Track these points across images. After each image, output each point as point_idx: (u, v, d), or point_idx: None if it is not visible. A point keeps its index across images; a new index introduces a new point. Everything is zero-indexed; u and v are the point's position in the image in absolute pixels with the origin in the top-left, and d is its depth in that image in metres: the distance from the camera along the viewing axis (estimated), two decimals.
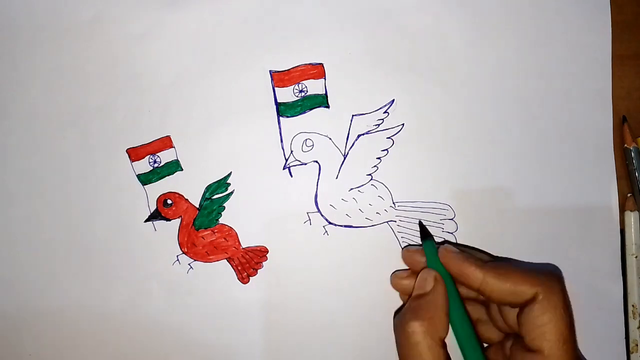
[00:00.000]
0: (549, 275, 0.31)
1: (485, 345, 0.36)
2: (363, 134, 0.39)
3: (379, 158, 0.39)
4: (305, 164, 0.40)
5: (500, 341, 0.34)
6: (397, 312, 0.37)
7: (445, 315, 0.31)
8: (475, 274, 0.32)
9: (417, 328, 0.30)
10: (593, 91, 0.39)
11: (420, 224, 0.38)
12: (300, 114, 0.40)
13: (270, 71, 0.40)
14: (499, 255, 0.38)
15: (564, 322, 0.30)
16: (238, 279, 0.40)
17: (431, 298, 0.32)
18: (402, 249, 0.38)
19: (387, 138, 0.39)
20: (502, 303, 0.32)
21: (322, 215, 0.39)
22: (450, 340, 0.32)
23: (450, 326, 0.32)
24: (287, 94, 0.40)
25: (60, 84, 0.40)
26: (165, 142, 0.40)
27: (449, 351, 0.31)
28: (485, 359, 0.31)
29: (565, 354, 0.29)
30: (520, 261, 0.37)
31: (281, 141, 0.40)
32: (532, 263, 0.37)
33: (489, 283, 0.31)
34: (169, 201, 0.40)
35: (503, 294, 0.31)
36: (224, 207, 0.40)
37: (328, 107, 0.40)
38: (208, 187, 0.40)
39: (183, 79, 0.40)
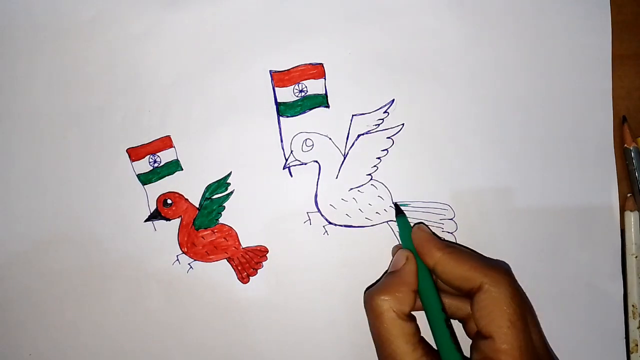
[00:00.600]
0: (495, 268, 0.32)
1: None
2: (363, 134, 0.39)
3: (379, 158, 0.39)
4: (305, 164, 0.40)
5: None
6: (366, 289, 0.37)
7: (411, 291, 0.33)
8: (432, 252, 0.33)
9: (380, 301, 0.32)
10: (593, 91, 0.39)
11: (395, 204, 0.39)
12: (300, 114, 0.40)
13: (270, 71, 0.40)
14: (499, 255, 0.38)
15: (512, 309, 0.31)
16: (238, 279, 0.40)
17: (399, 274, 0.34)
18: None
19: (387, 138, 0.39)
20: (453, 287, 0.34)
21: (322, 215, 0.39)
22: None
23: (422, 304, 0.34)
24: (287, 94, 0.40)
25: (60, 84, 0.41)
26: (165, 142, 0.40)
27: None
28: (452, 337, 0.32)
29: (516, 340, 0.30)
30: (478, 254, 0.38)
31: (281, 141, 0.40)
32: (486, 257, 0.38)
33: (442, 265, 0.33)
34: (169, 201, 0.40)
35: (453, 277, 0.33)
36: (224, 207, 0.40)
37: (328, 107, 0.40)
38: (208, 187, 0.40)
39: (183, 79, 0.40)
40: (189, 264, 0.40)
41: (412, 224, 0.37)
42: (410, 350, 0.31)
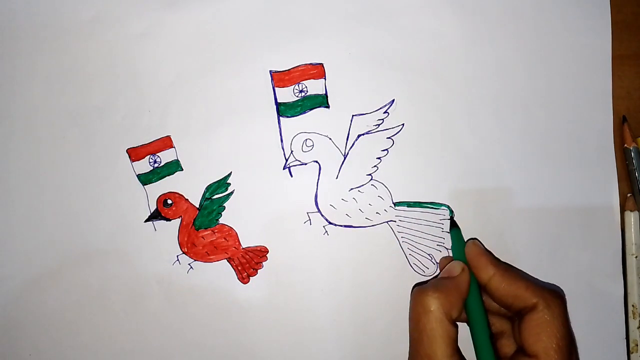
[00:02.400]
0: (552, 291, 0.33)
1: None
2: (363, 134, 0.39)
3: (379, 158, 0.39)
4: (305, 164, 0.40)
5: None
6: (415, 286, 0.37)
7: (461, 299, 0.33)
8: (487, 268, 0.34)
9: (433, 298, 0.32)
10: (593, 91, 0.39)
11: (451, 217, 0.39)
12: (300, 114, 0.40)
13: (270, 71, 0.40)
14: (499, 255, 0.38)
15: (561, 334, 0.31)
16: (238, 279, 0.40)
17: (454, 281, 0.34)
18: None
19: (387, 138, 0.39)
20: (503, 304, 0.34)
21: (322, 215, 0.39)
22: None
23: (467, 317, 0.34)
24: (287, 94, 0.40)
25: (60, 84, 0.40)
26: (165, 142, 0.40)
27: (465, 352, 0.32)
28: (494, 352, 0.32)
29: None
30: (531, 276, 0.38)
31: (281, 141, 0.40)
32: (540, 280, 0.38)
33: (497, 281, 0.33)
34: (169, 201, 0.40)
35: (506, 295, 0.33)
36: (224, 207, 0.40)
37: (328, 107, 0.40)
38: (208, 187, 0.40)
39: (183, 79, 0.40)
40: (189, 264, 0.40)
41: (465, 238, 0.37)
42: (449, 353, 0.31)
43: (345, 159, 0.40)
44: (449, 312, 0.32)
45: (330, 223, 0.39)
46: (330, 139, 0.40)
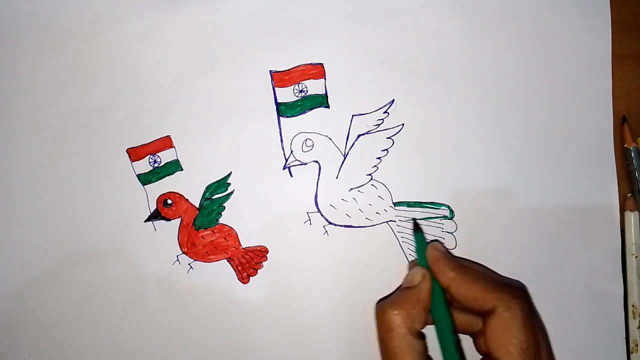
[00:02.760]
0: (510, 292, 0.32)
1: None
2: (363, 134, 0.39)
3: (379, 158, 0.39)
4: (305, 164, 0.40)
5: None
6: (378, 302, 0.37)
7: (423, 309, 0.33)
8: (446, 272, 0.33)
9: (392, 316, 0.32)
10: (593, 91, 0.39)
11: (414, 220, 0.39)
12: (300, 114, 0.40)
13: (270, 71, 0.40)
14: (498, 255, 0.38)
15: (524, 336, 0.31)
16: (238, 279, 0.40)
17: (414, 291, 0.33)
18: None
19: (387, 138, 0.39)
20: (465, 308, 0.33)
21: (322, 215, 0.39)
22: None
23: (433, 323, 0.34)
24: (287, 94, 0.40)
25: (60, 84, 0.40)
26: (165, 142, 0.40)
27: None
28: (460, 358, 0.32)
29: None
30: (496, 273, 0.37)
31: (281, 141, 0.40)
32: (502, 277, 0.37)
33: (456, 285, 0.33)
34: (169, 201, 0.40)
35: (466, 299, 0.33)
36: (224, 207, 0.40)
37: (328, 107, 0.40)
38: (208, 187, 0.40)
39: (183, 79, 0.40)
40: (189, 264, 0.40)
41: (428, 240, 0.37)
42: None
43: (345, 159, 0.40)
44: (411, 326, 0.32)
45: (330, 223, 0.39)
46: (330, 139, 0.40)
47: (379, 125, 0.39)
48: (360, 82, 0.40)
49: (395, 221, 0.39)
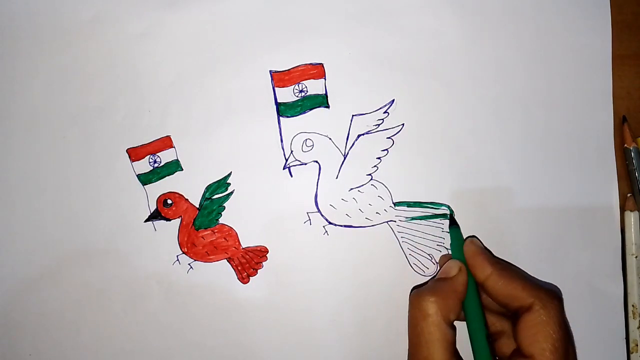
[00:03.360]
0: (548, 291, 0.33)
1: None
2: (363, 134, 0.39)
3: (379, 158, 0.39)
4: (305, 164, 0.40)
5: None
6: (413, 289, 0.37)
7: (459, 300, 0.33)
8: (484, 267, 0.34)
9: (430, 302, 0.32)
10: (593, 91, 0.39)
11: (451, 214, 0.39)
12: (300, 114, 0.40)
13: (270, 71, 0.40)
14: (499, 255, 0.38)
15: (558, 335, 0.31)
16: (238, 279, 0.40)
17: (451, 282, 0.34)
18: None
19: (387, 138, 0.39)
20: (500, 304, 0.34)
21: (322, 215, 0.39)
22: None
23: (465, 317, 0.34)
24: (287, 94, 0.40)
25: (60, 84, 0.40)
26: (165, 142, 0.40)
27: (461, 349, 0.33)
28: (492, 353, 0.32)
29: None
30: (530, 275, 0.38)
31: (281, 141, 0.40)
32: (539, 280, 0.38)
33: (494, 280, 0.33)
34: (169, 201, 0.40)
35: (503, 294, 0.33)
36: (224, 207, 0.40)
37: (328, 107, 0.40)
38: (208, 187, 0.40)
39: (183, 79, 0.40)
40: (189, 264, 0.40)
41: (464, 237, 0.37)
42: (447, 357, 0.31)
43: (345, 159, 0.40)
44: (446, 315, 0.32)
45: (330, 223, 0.39)
46: (330, 139, 0.40)
47: (379, 125, 0.39)
48: (360, 82, 0.40)
49: (395, 221, 0.39)
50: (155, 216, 0.40)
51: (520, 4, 0.40)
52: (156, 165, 0.40)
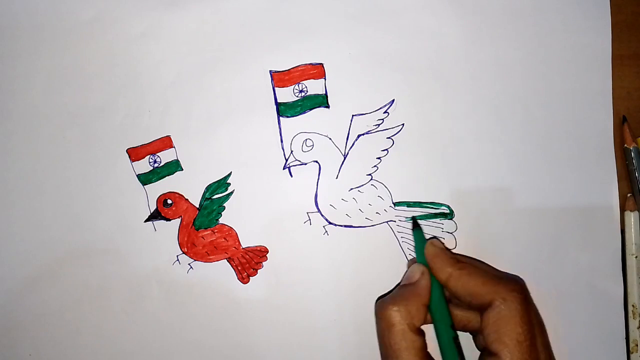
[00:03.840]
0: (508, 284, 0.32)
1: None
2: (363, 134, 0.39)
3: (379, 158, 0.39)
4: (305, 164, 0.40)
5: None
6: (378, 299, 0.37)
7: (423, 305, 0.33)
8: (443, 268, 0.34)
9: (392, 312, 0.32)
10: (593, 91, 0.39)
11: (413, 217, 0.39)
12: (300, 114, 0.40)
13: (270, 71, 0.40)
14: (498, 255, 0.38)
15: (521, 329, 0.31)
16: (238, 279, 0.40)
17: (413, 288, 0.34)
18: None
19: (387, 138, 0.39)
20: (464, 303, 0.34)
21: (322, 215, 0.39)
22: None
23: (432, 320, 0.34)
24: (287, 94, 0.40)
25: (60, 84, 0.40)
26: (165, 142, 0.40)
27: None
28: (459, 355, 0.32)
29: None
30: (494, 268, 0.37)
31: (281, 141, 0.40)
32: (500, 272, 0.37)
33: (454, 280, 0.33)
34: (169, 201, 0.40)
35: (464, 293, 0.33)
36: (224, 207, 0.40)
37: (328, 107, 0.40)
38: (208, 187, 0.40)
39: (183, 79, 0.40)
40: (189, 264, 0.40)
41: (427, 237, 0.37)
42: None
43: (345, 159, 0.40)
44: (411, 322, 0.32)
45: (330, 223, 0.39)
46: (330, 139, 0.40)
47: (379, 125, 0.39)
48: (360, 82, 0.40)
49: (395, 221, 0.39)
50: (155, 216, 0.40)
51: (520, 4, 0.40)
52: (156, 165, 0.40)
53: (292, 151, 0.40)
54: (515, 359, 0.30)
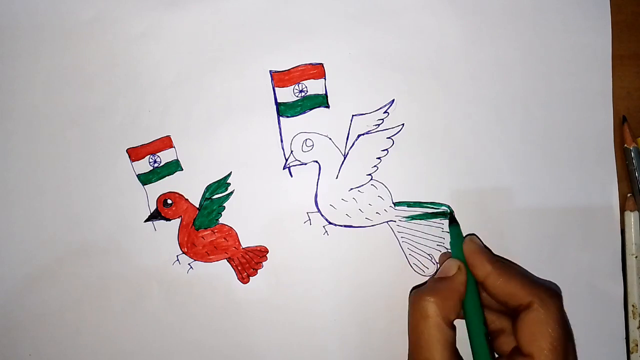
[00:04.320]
0: (548, 289, 0.32)
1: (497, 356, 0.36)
2: (363, 134, 0.39)
3: (379, 158, 0.39)
4: (305, 164, 0.40)
5: None
6: (413, 289, 0.37)
7: (459, 300, 0.33)
8: (483, 266, 0.34)
9: (430, 303, 0.32)
10: (593, 91, 0.39)
11: (451, 212, 0.39)
12: (300, 114, 0.40)
13: (270, 71, 0.40)
14: (499, 255, 0.38)
15: (557, 334, 0.31)
16: (238, 279, 0.40)
17: (450, 281, 0.34)
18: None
19: (387, 138, 0.39)
20: (500, 302, 0.34)
21: (322, 215, 0.39)
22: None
23: (464, 315, 0.34)
24: (287, 94, 0.40)
25: (60, 84, 0.40)
26: (165, 142, 0.40)
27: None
28: (490, 352, 0.32)
29: None
30: (529, 272, 0.37)
31: (281, 141, 0.40)
32: (538, 278, 0.38)
33: (493, 279, 0.33)
34: (169, 201, 0.40)
35: (502, 293, 0.33)
36: (224, 207, 0.40)
37: (328, 107, 0.40)
38: (208, 187, 0.40)
39: (183, 79, 0.40)
40: (189, 264, 0.40)
41: (464, 234, 0.37)
42: (447, 357, 0.31)
43: (345, 159, 0.40)
44: (446, 315, 0.32)
45: (330, 223, 0.39)
46: (330, 139, 0.40)
47: (379, 125, 0.39)
48: (360, 82, 0.40)
49: (395, 221, 0.39)
50: (155, 216, 0.40)
51: (520, 4, 0.40)
52: (156, 165, 0.40)
53: (292, 151, 0.40)
54: None
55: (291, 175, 0.40)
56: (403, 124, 0.39)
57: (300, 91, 0.40)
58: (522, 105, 0.39)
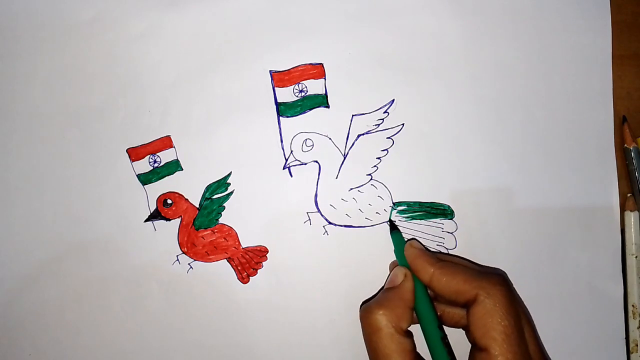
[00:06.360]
0: (490, 279, 0.32)
1: None
2: (363, 134, 0.39)
3: (379, 158, 0.39)
4: (305, 164, 0.40)
5: None
6: (363, 304, 0.37)
7: (408, 308, 0.33)
8: (425, 269, 0.33)
9: (380, 315, 0.32)
10: (593, 91, 0.39)
11: (390, 220, 0.39)
12: (300, 114, 0.40)
13: (270, 71, 0.40)
14: (499, 256, 0.38)
15: (507, 322, 0.31)
16: (238, 279, 0.40)
17: (397, 290, 0.34)
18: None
19: (387, 138, 0.39)
20: (449, 301, 0.34)
21: (322, 215, 0.39)
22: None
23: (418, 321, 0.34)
24: (287, 94, 0.40)
25: (60, 84, 0.41)
26: (165, 142, 0.40)
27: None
28: (449, 355, 0.32)
29: (510, 352, 0.30)
30: (474, 264, 0.37)
31: (281, 141, 0.40)
32: (481, 266, 0.37)
33: (437, 279, 0.33)
34: (169, 201, 0.40)
35: (448, 291, 0.33)
36: (224, 207, 0.40)
37: (328, 107, 0.40)
38: (208, 187, 0.40)
39: (183, 79, 0.40)
40: (189, 264, 0.40)
41: (406, 239, 0.37)
42: None
43: (345, 158, 0.40)
44: (398, 325, 0.32)
45: (330, 223, 0.39)
46: (330, 139, 0.40)
47: (378, 125, 0.39)
48: (360, 82, 0.40)
49: (395, 221, 0.39)
50: (155, 216, 0.40)
51: (520, 4, 0.40)
52: (156, 165, 0.40)
53: (292, 151, 0.40)
54: (504, 352, 0.30)
55: (291, 175, 0.40)
56: (403, 124, 0.39)
57: (300, 91, 0.40)
58: (522, 105, 0.39)
